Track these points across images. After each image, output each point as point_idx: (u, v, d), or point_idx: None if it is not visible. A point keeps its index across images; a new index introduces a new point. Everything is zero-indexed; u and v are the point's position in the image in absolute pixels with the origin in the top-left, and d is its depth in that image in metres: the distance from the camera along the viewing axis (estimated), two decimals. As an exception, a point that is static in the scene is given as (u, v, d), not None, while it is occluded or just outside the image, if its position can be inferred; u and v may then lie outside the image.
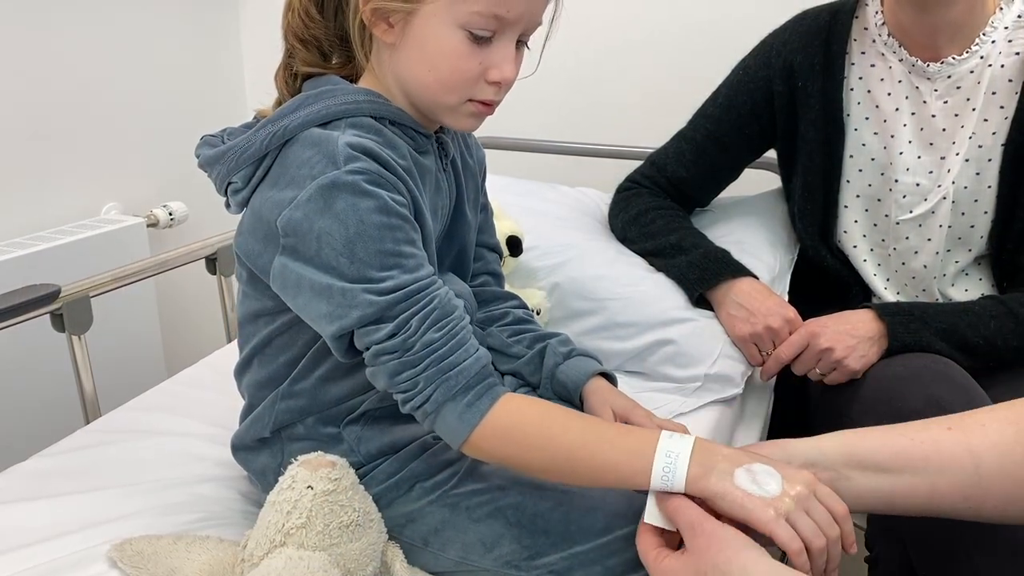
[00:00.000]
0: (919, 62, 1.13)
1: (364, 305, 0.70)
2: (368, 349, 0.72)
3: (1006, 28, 1.10)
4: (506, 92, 0.78)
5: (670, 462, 0.68)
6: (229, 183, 0.79)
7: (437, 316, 0.72)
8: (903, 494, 0.72)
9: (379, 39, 0.77)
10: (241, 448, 0.90)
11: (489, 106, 0.78)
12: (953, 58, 1.11)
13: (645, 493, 0.71)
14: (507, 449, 0.73)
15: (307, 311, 0.74)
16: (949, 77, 1.13)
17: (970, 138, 1.12)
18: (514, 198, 1.41)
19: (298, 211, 0.71)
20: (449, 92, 0.76)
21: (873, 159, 1.20)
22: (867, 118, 1.20)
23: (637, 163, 1.41)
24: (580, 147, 1.77)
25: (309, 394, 0.84)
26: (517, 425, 0.73)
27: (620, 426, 0.74)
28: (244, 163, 0.77)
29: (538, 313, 1.21)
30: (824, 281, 1.30)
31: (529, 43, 0.80)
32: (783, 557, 0.66)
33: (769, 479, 0.67)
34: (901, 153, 1.17)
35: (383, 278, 0.71)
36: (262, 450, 0.88)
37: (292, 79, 0.82)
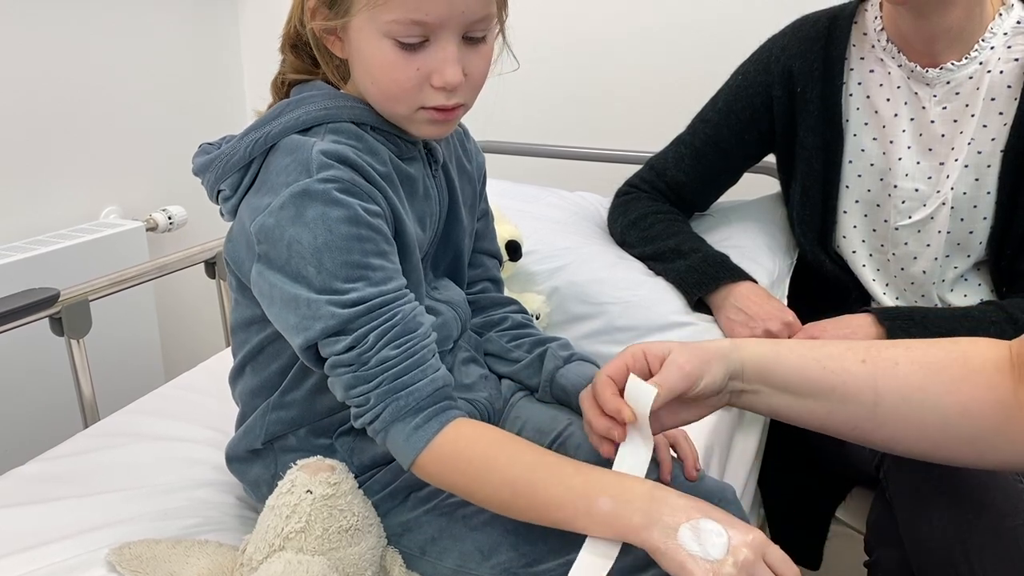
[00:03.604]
0: (918, 68, 1.14)
1: (327, 317, 0.70)
2: (328, 359, 0.72)
3: (1005, 34, 1.10)
4: (468, 94, 0.76)
5: None
6: (219, 191, 0.79)
7: (397, 333, 0.71)
8: (803, 413, 0.77)
9: (335, 53, 0.77)
10: (235, 459, 0.90)
11: (447, 111, 0.75)
12: (952, 64, 1.12)
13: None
14: (452, 476, 0.72)
15: (279, 321, 0.74)
16: (948, 83, 1.13)
17: (969, 144, 1.13)
18: (513, 202, 1.41)
19: (271, 218, 0.71)
20: (395, 102, 0.75)
21: (872, 164, 1.20)
22: (866, 123, 1.20)
23: (636, 167, 1.41)
24: (579, 151, 1.77)
25: (300, 405, 0.83)
26: (462, 452, 0.71)
27: (572, 464, 0.70)
28: (230, 170, 0.77)
29: (537, 318, 1.21)
30: (823, 286, 1.30)
31: (507, 35, 0.79)
32: None
33: (715, 539, 0.63)
34: (900, 159, 1.17)
35: (347, 290, 0.70)
36: (255, 461, 0.88)
37: (282, 86, 0.83)
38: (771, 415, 0.82)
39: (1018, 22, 1.10)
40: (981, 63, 1.11)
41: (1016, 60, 1.09)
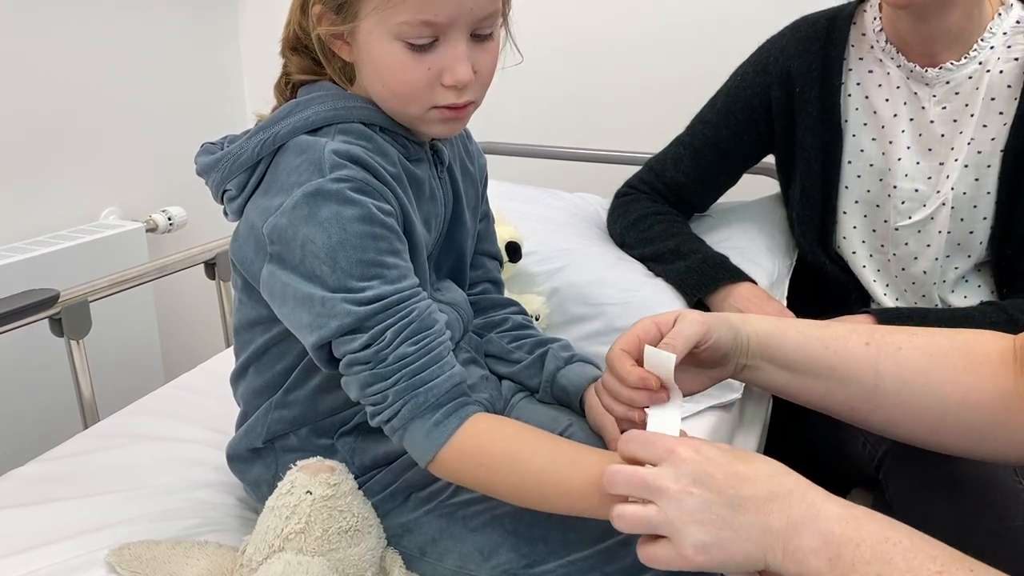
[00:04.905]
0: (917, 68, 1.13)
1: (342, 315, 0.70)
2: (343, 358, 0.72)
3: (1004, 34, 1.10)
4: (478, 91, 0.76)
5: None
6: (225, 191, 0.79)
7: (414, 329, 0.71)
8: (803, 390, 0.78)
9: (341, 57, 0.77)
10: (235, 458, 0.90)
11: (458, 109, 0.75)
12: (952, 64, 1.11)
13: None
14: (475, 472, 0.72)
15: (291, 320, 0.74)
16: (947, 83, 1.13)
17: (969, 144, 1.13)
18: (513, 203, 1.40)
19: (283, 218, 0.71)
20: (407, 103, 0.75)
21: (871, 165, 1.20)
22: (865, 124, 1.20)
23: (636, 168, 1.41)
24: (579, 152, 1.77)
25: (303, 404, 0.83)
26: (484, 447, 0.71)
27: (595, 452, 0.71)
28: (237, 170, 0.77)
29: (537, 319, 1.21)
30: (823, 286, 1.30)
31: (512, 29, 0.79)
32: None
33: None
34: (899, 159, 1.17)
35: (363, 288, 0.70)
36: (256, 461, 0.88)
37: (287, 87, 0.83)
38: (771, 391, 0.82)
39: (1017, 21, 1.10)
40: (980, 63, 1.11)
41: (1016, 60, 1.09)
